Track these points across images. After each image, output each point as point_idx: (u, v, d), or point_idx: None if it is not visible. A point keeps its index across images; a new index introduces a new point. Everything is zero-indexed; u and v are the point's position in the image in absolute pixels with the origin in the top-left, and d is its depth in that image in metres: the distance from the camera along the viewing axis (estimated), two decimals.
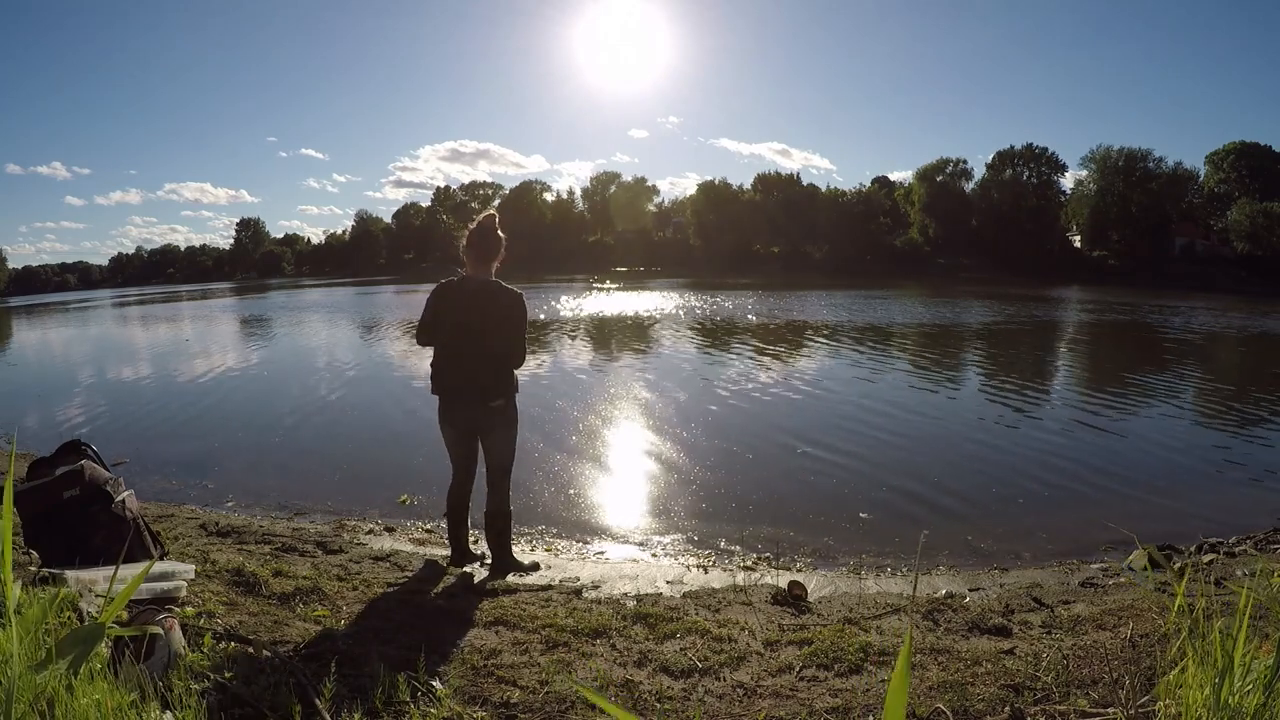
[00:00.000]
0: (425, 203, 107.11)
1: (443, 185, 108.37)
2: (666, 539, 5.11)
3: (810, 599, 3.60)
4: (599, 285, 45.32)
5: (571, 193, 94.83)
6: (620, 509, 5.80)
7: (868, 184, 79.90)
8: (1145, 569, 3.97)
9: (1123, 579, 3.94)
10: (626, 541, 5.10)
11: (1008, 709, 2.19)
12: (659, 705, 2.35)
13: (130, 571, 2.65)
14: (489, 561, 4.27)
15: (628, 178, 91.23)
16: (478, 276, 3.81)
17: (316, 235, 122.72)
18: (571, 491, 6.15)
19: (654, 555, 4.82)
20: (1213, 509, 5.69)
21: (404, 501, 5.86)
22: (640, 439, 7.93)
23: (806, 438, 7.81)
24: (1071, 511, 5.67)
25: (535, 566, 4.21)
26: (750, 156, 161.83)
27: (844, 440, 7.78)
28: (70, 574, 2.56)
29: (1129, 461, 7.10)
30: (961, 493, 6.08)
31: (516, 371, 3.89)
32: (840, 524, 5.35)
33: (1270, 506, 5.72)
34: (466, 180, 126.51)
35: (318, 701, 2.13)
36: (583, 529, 5.33)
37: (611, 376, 12.16)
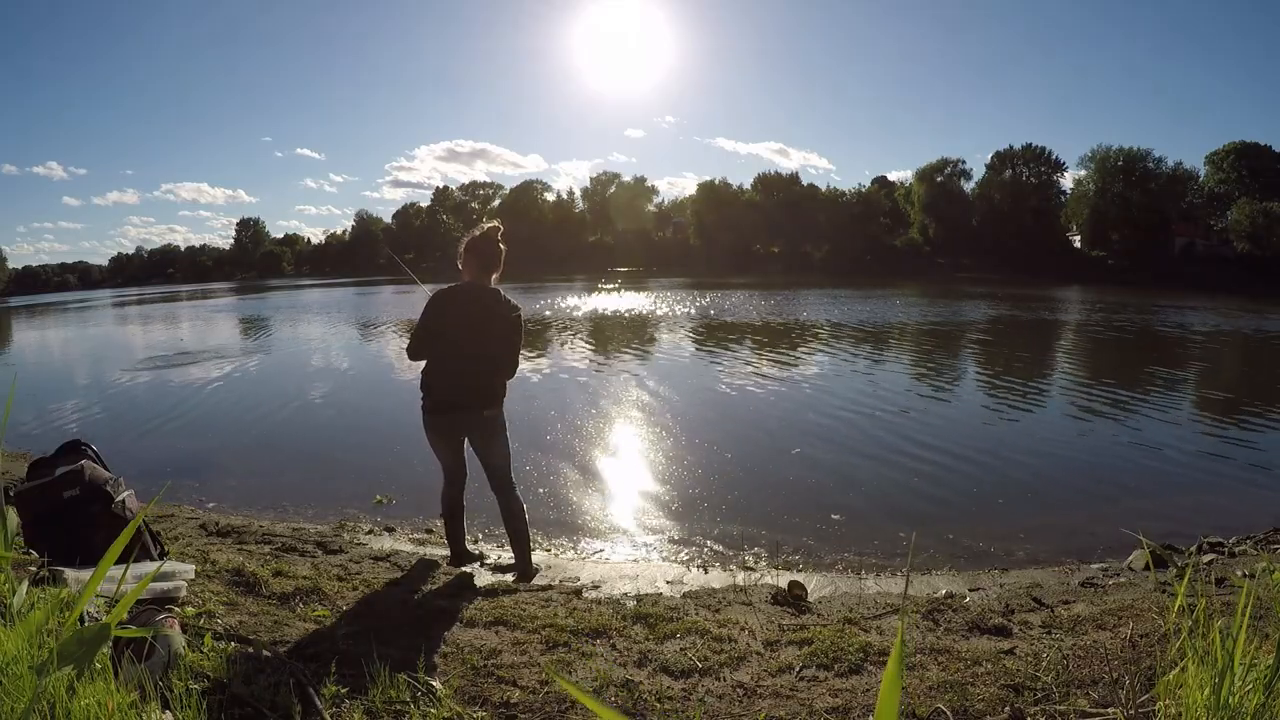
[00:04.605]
0: (423, 202, 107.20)
1: (441, 185, 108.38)
2: (666, 539, 5.11)
3: (810, 599, 3.60)
4: (601, 286, 45.31)
5: (571, 193, 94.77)
6: (620, 510, 5.80)
7: (867, 184, 79.78)
8: (1145, 569, 3.97)
9: (1123, 579, 3.94)
10: (626, 542, 5.10)
11: (1008, 709, 2.19)
12: (659, 705, 2.35)
13: (132, 572, 2.66)
14: (488, 561, 4.28)
15: (627, 178, 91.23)
16: (478, 284, 3.81)
17: (316, 235, 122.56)
18: (571, 492, 6.15)
19: (654, 555, 4.82)
20: (1213, 509, 5.69)
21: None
22: (639, 439, 7.93)
23: (804, 438, 7.81)
24: (1071, 511, 5.67)
25: (535, 570, 4.22)
26: (748, 156, 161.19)
27: (843, 440, 7.78)
28: (70, 574, 2.57)
29: (1129, 461, 7.10)
30: (961, 492, 6.08)
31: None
32: (840, 524, 5.35)
33: (1270, 506, 5.72)
34: (464, 180, 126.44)
35: (318, 701, 2.13)
36: (582, 530, 5.33)
37: (610, 376, 12.16)
